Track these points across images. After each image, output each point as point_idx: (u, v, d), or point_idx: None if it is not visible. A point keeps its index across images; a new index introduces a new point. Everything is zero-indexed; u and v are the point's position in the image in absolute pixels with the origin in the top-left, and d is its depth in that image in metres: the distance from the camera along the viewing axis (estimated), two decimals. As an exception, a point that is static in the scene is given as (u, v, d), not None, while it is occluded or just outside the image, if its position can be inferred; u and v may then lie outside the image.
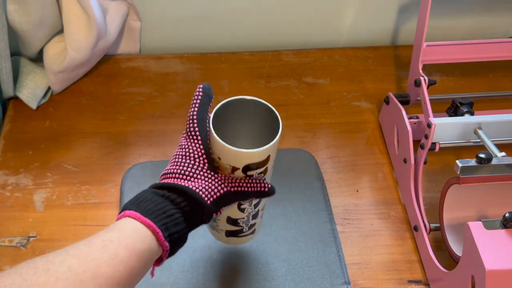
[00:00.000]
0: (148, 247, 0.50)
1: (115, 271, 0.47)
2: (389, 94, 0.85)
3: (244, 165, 0.57)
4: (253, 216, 0.65)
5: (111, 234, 0.49)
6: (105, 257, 0.47)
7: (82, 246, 0.48)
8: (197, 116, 0.58)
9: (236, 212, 0.63)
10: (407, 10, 1.02)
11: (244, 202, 0.62)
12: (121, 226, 0.50)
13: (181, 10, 0.99)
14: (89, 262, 0.46)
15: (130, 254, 0.48)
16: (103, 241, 0.48)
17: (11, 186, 0.81)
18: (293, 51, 1.02)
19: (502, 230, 0.61)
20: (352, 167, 0.85)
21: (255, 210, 0.64)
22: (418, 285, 0.72)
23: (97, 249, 0.47)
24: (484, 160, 0.66)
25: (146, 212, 0.51)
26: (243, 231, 0.68)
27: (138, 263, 0.49)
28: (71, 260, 0.46)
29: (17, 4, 0.83)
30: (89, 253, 0.47)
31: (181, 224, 0.53)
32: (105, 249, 0.48)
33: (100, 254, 0.47)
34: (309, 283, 0.71)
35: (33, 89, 0.91)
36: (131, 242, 0.49)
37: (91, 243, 0.48)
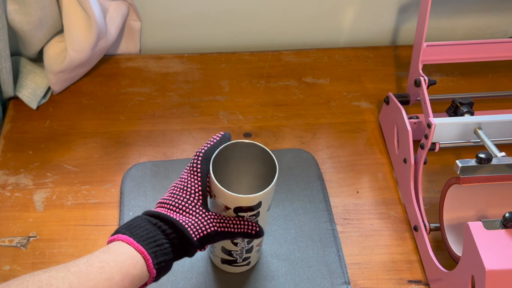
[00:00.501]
0: (139, 273, 0.54)
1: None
2: (389, 94, 0.85)
3: (235, 207, 0.60)
4: (247, 251, 0.67)
5: (108, 257, 0.53)
6: (102, 278, 0.51)
7: (82, 265, 0.51)
8: (203, 153, 0.62)
9: (230, 244, 0.66)
10: (407, 10, 1.02)
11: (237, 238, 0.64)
12: (116, 249, 0.54)
13: (181, 10, 0.99)
14: (88, 282, 0.50)
15: (124, 279, 0.52)
16: (100, 262, 0.52)
17: (11, 186, 0.81)
18: (293, 51, 1.02)
19: (502, 230, 0.61)
20: (352, 167, 0.85)
21: (248, 246, 0.66)
22: (418, 285, 0.72)
23: (95, 269, 0.51)
24: (484, 160, 0.66)
25: (139, 239, 0.55)
26: (237, 262, 0.69)
27: (129, 286, 0.53)
28: (72, 277, 0.49)
29: (17, 4, 0.83)
30: (88, 272, 0.50)
31: (169, 254, 0.56)
32: (102, 270, 0.51)
33: (98, 275, 0.51)
34: (309, 283, 0.71)
35: (33, 89, 0.91)
36: (125, 267, 0.52)
37: (90, 263, 0.51)
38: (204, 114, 0.91)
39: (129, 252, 0.54)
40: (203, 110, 0.92)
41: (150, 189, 0.80)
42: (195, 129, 0.89)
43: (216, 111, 0.92)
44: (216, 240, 0.60)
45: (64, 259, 0.73)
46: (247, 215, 0.61)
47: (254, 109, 0.92)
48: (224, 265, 0.70)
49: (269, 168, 0.62)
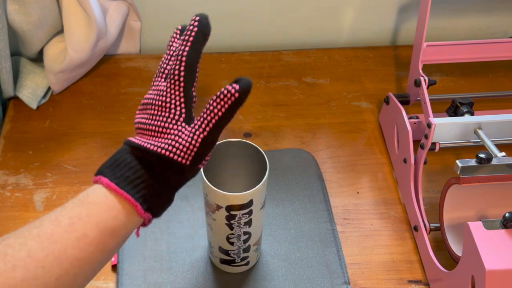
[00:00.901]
0: (124, 223, 0.46)
1: (83, 252, 0.43)
2: (389, 94, 0.85)
3: (227, 205, 0.59)
4: (244, 250, 0.67)
5: (81, 210, 0.45)
6: (71, 238, 0.43)
7: (47, 224, 0.43)
8: (186, 58, 0.50)
9: (226, 244, 0.66)
10: (407, 10, 1.02)
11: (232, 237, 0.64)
12: (92, 200, 0.46)
13: (181, 10, 0.99)
14: (52, 245, 0.42)
15: (102, 234, 0.44)
16: (70, 218, 0.44)
17: (11, 186, 0.81)
18: (293, 51, 1.02)
19: (502, 230, 0.61)
20: (352, 167, 0.85)
21: (245, 245, 0.66)
22: (418, 285, 0.72)
23: (63, 228, 0.43)
24: (484, 160, 0.66)
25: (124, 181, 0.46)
26: (236, 262, 0.69)
27: (112, 241, 0.45)
28: (32, 243, 0.42)
29: (17, 4, 0.83)
30: (53, 234, 0.43)
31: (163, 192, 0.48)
32: (71, 228, 0.43)
33: (66, 235, 0.43)
34: (309, 283, 0.71)
35: (33, 89, 0.91)
36: (103, 221, 0.44)
37: (58, 221, 0.44)
38: (204, 114, 0.91)
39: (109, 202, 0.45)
40: (203, 110, 0.92)
41: (150, 189, 0.80)
42: (195, 129, 0.89)
43: (216, 111, 0.92)
44: (212, 144, 0.49)
45: (64, 259, 0.73)
46: (239, 213, 0.61)
47: (254, 109, 0.92)
48: (223, 265, 0.70)
49: (263, 168, 0.62)
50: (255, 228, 0.65)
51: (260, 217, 0.65)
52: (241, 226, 0.63)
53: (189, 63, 0.50)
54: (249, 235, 0.65)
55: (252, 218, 0.63)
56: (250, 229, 0.64)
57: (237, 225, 0.63)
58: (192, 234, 0.75)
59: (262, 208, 0.64)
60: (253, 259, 0.71)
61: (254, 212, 0.62)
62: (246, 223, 0.63)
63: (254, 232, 0.65)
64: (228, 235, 0.64)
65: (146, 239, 0.74)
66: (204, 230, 0.73)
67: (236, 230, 0.63)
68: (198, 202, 0.78)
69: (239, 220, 0.62)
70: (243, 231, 0.64)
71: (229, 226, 0.63)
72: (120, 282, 0.70)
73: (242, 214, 0.61)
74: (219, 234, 0.65)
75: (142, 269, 0.71)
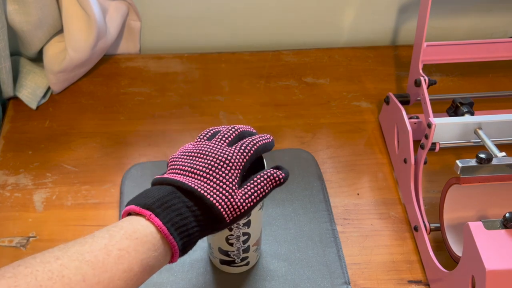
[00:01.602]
0: (159, 264, 0.50)
1: (126, 285, 0.47)
2: (389, 94, 0.85)
3: None
4: (244, 250, 0.67)
5: (128, 244, 0.48)
6: (119, 270, 0.46)
7: (98, 252, 0.46)
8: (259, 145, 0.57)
9: (225, 245, 0.66)
10: (407, 10, 1.02)
11: (231, 238, 0.64)
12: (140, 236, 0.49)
13: (181, 10, 0.99)
14: (103, 273, 0.45)
15: (143, 271, 0.48)
16: (119, 251, 0.47)
17: (11, 186, 0.81)
18: (293, 51, 1.02)
19: (502, 230, 0.61)
20: (352, 167, 0.85)
21: (245, 245, 0.66)
22: (418, 285, 0.72)
23: (113, 259, 0.46)
24: (484, 160, 0.66)
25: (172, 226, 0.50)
26: (236, 262, 0.69)
27: (147, 277, 0.49)
28: (86, 268, 0.45)
29: (17, 4, 0.83)
30: (104, 263, 0.46)
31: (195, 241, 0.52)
32: (120, 260, 0.47)
33: (115, 266, 0.46)
34: (309, 283, 0.71)
35: (33, 89, 0.91)
36: (146, 258, 0.48)
37: (108, 251, 0.47)
38: (204, 114, 0.91)
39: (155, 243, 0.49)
40: (203, 110, 0.92)
41: (150, 189, 0.80)
42: (195, 129, 0.89)
43: (216, 111, 0.92)
44: (248, 213, 0.55)
45: (64, 259, 0.73)
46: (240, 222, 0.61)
47: (254, 109, 0.92)
48: (223, 265, 0.70)
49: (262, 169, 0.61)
50: (254, 229, 0.65)
51: (259, 218, 0.65)
52: (240, 227, 0.63)
53: (258, 149, 0.57)
54: (248, 236, 0.65)
55: (251, 219, 0.63)
56: (249, 230, 0.64)
57: (236, 226, 0.63)
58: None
59: (261, 209, 0.64)
60: (253, 259, 0.71)
61: (252, 213, 0.62)
62: (245, 224, 0.63)
63: (253, 232, 0.65)
64: (227, 236, 0.64)
65: (146, 239, 0.74)
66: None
67: (235, 231, 0.63)
68: (198, 202, 0.78)
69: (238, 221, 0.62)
70: (242, 232, 0.64)
71: (228, 228, 0.63)
72: (120, 282, 0.70)
73: (242, 225, 0.62)
74: (218, 235, 0.65)
75: (142, 269, 0.71)
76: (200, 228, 0.52)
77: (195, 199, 0.52)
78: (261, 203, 0.63)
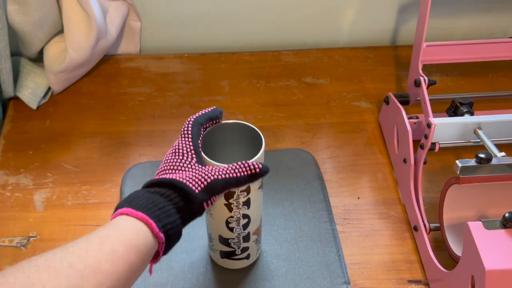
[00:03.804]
0: (144, 241, 0.50)
1: (114, 267, 0.48)
2: (389, 94, 0.85)
3: None
4: (244, 239, 0.67)
5: (108, 231, 0.50)
6: (103, 253, 0.48)
7: (80, 244, 0.48)
8: (194, 119, 0.61)
9: (226, 230, 0.65)
10: (407, 10, 1.02)
11: (232, 221, 0.64)
12: (116, 223, 0.51)
13: (181, 10, 0.99)
14: (88, 258, 0.47)
15: (128, 250, 0.49)
16: (100, 237, 0.49)
17: (11, 186, 0.81)
18: (293, 51, 1.02)
19: (502, 230, 0.61)
20: (352, 167, 0.85)
21: (245, 231, 0.66)
22: (418, 285, 0.72)
23: (95, 245, 0.48)
24: (484, 160, 0.66)
25: (138, 207, 0.52)
26: (236, 254, 0.69)
27: (136, 259, 0.50)
28: (71, 257, 0.46)
29: (17, 4, 0.83)
30: (88, 249, 0.47)
31: (173, 215, 0.53)
32: (103, 245, 0.48)
33: (99, 251, 0.48)
34: (309, 283, 0.71)
35: (33, 89, 0.91)
36: (128, 238, 0.49)
37: (89, 240, 0.48)
38: (204, 114, 0.91)
39: (131, 224, 0.51)
40: (203, 110, 0.92)
41: (150, 189, 0.80)
42: (195, 129, 0.89)
43: (216, 111, 0.92)
44: (220, 190, 0.56)
45: (64, 259, 0.73)
46: (237, 190, 0.61)
47: (254, 109, 0.92)
48: (224, 260, 0.70)
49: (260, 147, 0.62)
50: (254, 211, 0.65)
51: (258, 198, 0.65)
52: (239, 207, 0.63)
53: (196, 122, 0.61)
54: (248, 220, 0.65)
55: (250, 197, 0.62)
56: (249, 212, 0.64)
57: (236, 206, 0.63)
58: (192, 234, 0.75)
59: (260, 188, 0.64)
60: (253, 252, 0.71)
61: (252, 191, 0.62)
62: (245, 203, 0.63)
63: (253, 215, 0.65)
64: (227, 219, 0.64)
65: (146, 239, 0.74)
66: (204, 231, 0.73)
67: (235, 211, 0.63)
68: (198, 202, 0.78)
69: (238, 199, 0.62)
70: (242, 213, 0.64)
71: (228, 207, 0.63)
72: (120, 282, 0.70)
73: (240, 192, 0.61)
74: (218, 218, 0.65)
75: (142, 269, 0.71)
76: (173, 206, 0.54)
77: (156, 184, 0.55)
78: (260, 182, 0.63)
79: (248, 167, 0.57)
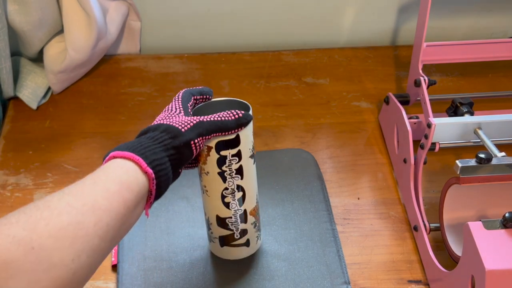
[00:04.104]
0: (135, 178, 0.52)
1: (110, 204, 0.49)
2: (389, 94, 0.85)
3: (216, 142, 0.61)
4: (241, 218, 0.67)
5: (99, 173, 0.52)
6: (98, 191, 0.50)
7: (75, 186, 0.50)
8: (185, 89, 0.64)
9: (222, 207, 0.66)
10: (407, 10, 1.02)
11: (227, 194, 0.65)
12: (105, 166, 0.53)
13: (181, 10, 0.99)
14: (85, 197, 0.49)
15: (120, 188, 0.51)
16: (92, 179, 0.51)
17: (11, 186, 0.81)
18: (293, 51, 1.02)
19: (502, 230, 0.61)
20: (352, 167, 0.85)
21: (241, 208, 0.66)
22: (418, 285, 0.72)
23: (89, 186, 0.50)
24: (484, 160, 0.66)
25: (123, 149, 0.54)
26: (235, 238, 0.69)
27: (130, 195, 0.51)
28: (68, 197, 0.49)
29: (17, 4, 0.83)
30: (83, 190, 0.50)
31: (160, 153, 0.55)
32: (96, 185, 0.50)
33: (93, 190, 0.50)
34: (309, 283, 0.71)
35: (33, 89, 0.91)
36: (118, 176, 0.51)
37: (82, 183, 0.51)
38: (204, 114, 0.91)
39: (118, 164, 0.53)
40: (203, 110, 0.92)
41: (150, 189, 0.80)
42: (195, 129, 0.89)
43: (216, 111, 0.92)
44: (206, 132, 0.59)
45: (64, 259, 0.73)
46: (229, 154, 0.62)
47: (254, 109, 0.92)
48: (224, 248, 0.70)
49: None
50: (248, 183, 0.66)
51: (251, 169, 0.65)
52: (233, 176, 0.64)
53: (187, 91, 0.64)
54: (243, 193, 0.65)
55: (242, 165, 0.63)
56: (243, 183, 0.65)
57: (229, 174, 0.64)
58: (192, 234, 0.75)
59: (251, 157, 0.65)
60: (253, 239, 0.70)
61: (243, 157, 0.63)
62: (238, 171, 0.64)
63: (247, 188, 0.66)
64: (222, 192, 0.65)
65: (146, 239, 0.74)
66: (204, 231, 0.73)
67: (229, 181, 0.64)
68: (198, 203, 0.78)
69: (230, 166, 0.63)
70: (236, 184, 0.64)
71: (221, 176, 0.64)
72: (120, 282, 0.70)
73: (232, 156, 0.62)
74: (214, 193, 0.65)
75: (142, 269, 0.71)
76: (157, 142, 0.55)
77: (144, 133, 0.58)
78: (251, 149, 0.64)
79: (231, 113, 0.61)
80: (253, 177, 0.67)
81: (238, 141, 0.62)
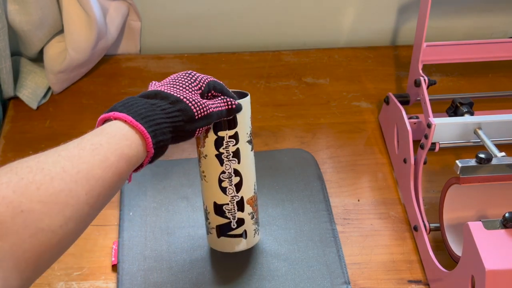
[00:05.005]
0: (135, 153, 0.52)
1: (105, 174, 0.49)
2: (389, 94, 0.85)
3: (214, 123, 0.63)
4: (238, 205, 0.67)
5: (101, 138, 0.50)
6: (96, 160, 0.49)
7: (73, 149, 0.49)
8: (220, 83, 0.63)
9: (219, 192, 0.66)
10: (407, 10, 1.02)
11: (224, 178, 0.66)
12: (110, 131, 0.51)
13: (181, 10, 0.99)
14: (81, 164, 0.48)
15: (119, 159, 0.50)
16: (92, 145, 0.49)
17: (11, 186, 0.81)
18: (293, 51, 1.02)
19: (502, 230, 0.61)
20: (352, 167, 0.85)
21: (238, 195, 0.67)
22: (418, 285, 0.72)
23: (88, 152, 0.49)
24: (484, 160, 0.66)
25: (137, 116, 0.53)
26: (232, 227, 0.68)
27: (126, 167, 0.51)
28: (64, 161, 0.47)
29: (17, 4, 0.83)
30: (80, 155, 0.48)
31: (167, 134, 0.55)
32: (95, 152, 0.49)
33: (91, 157, 0.49)
34: (309, 283, 0.71)
35: (33, 89, 0.91)
36: (120, 148, 0.50)
37: (81, 146, 0.49)
38: (204, 114, 0.91)
39: (124, 133, 0.51)
40: (203, 110, 0.92)
41: (150, 189, 0.80)
42: (195, 129, 0.89)
43: (216, 111, 0.92)
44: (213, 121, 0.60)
45: (65, 259, 0.73)
46: (226, 136, 0.63)
47: (254, 109, 0.92)
48: (221, 240, 0.69)
49: None
50: (245, 168, 0.66)
51: (248, 153, 0.66)
52: (230, 159, 0.64)
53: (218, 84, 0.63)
54: (240, 179, 0.66)
55: (239, 147, 0.64)
56: (240, 167, 0.65)
57: (226, 156, 0.64)
58: (192, 234, 0.75)
59: (249, 142, 0.65)
60: (250, 230, 0.70)
61: (240, 140, 0.64)
62: (235, 154, 0.64)
63: (244, 174, 0.66)
64: (219, 176, 0.65)
65: (146, 239, 0.74)
66: (204, 231, 0.73)
67: (226, 164, 0.65)
68: (198, 202, 0.78)
69: (227, 148, 0.64)
70: (233, 168, 0.65)
71: (218, 158, 0.64)
72: (120, 282, 0.70)
73: (229, 138, 0.63)
74: (211, 177, 0.66)
75: (142, 269, 0.71)
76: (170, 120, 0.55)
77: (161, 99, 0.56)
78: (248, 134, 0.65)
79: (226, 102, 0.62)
80: (250, 164, 0.68)
81: (235, 122, 0.64)
